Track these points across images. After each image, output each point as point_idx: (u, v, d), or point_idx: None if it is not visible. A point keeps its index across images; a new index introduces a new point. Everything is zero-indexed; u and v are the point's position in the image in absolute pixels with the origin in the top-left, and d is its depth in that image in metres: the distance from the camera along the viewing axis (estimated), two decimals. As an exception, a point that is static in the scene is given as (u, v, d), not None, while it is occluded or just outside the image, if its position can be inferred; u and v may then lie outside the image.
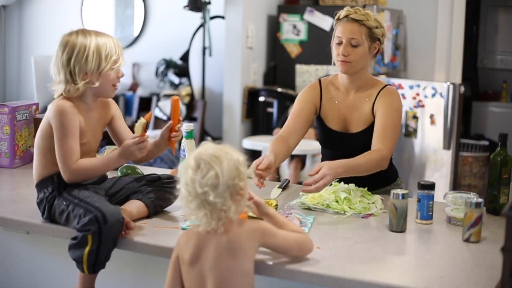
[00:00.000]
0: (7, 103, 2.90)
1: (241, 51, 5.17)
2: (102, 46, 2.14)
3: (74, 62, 2.11)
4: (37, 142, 2.20)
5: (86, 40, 2.13)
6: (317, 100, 2.63)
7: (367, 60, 2.54)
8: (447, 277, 1.80)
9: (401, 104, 2.60)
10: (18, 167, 2.91)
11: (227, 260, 1.77)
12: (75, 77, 2.12)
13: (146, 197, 2.23)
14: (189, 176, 1.75)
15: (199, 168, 1.74)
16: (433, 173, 4.60)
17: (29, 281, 2.60)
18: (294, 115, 2.62)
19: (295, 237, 1.87)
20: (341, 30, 2.51)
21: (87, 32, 2.17)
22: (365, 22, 2.49)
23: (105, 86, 2.18)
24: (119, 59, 2.18)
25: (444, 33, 5.58)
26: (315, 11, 5.24)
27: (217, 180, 1.73)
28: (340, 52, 2.50)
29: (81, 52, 2.12)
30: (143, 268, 2.35)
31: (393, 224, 2.16)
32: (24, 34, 6.68)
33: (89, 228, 1.96)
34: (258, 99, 5.32)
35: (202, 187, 1.73)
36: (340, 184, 2.47)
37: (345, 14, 2.51)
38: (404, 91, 4.70)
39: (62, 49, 2.14)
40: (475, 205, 2.05)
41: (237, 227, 1.79)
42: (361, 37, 2.48)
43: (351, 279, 1.78)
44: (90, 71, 2.13)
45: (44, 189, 2.16)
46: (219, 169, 1.74)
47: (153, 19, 6.23)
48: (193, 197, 1.75)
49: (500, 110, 6.87)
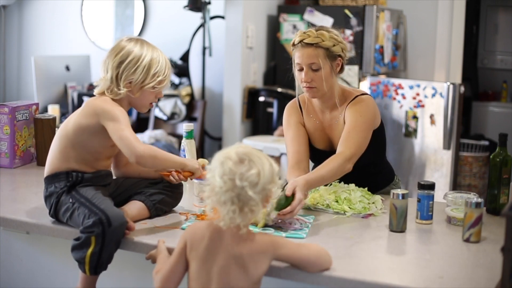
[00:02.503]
0: (7, 103, 2.90)
1: (241, 51, 5.17)
2: (154, 63, 2.17)
3: (124, 67, 2.14)
4: (63, 137, 2.17)
5: (142, 52, 2.16)
6: (301, 119, 2.61)
7: (332, 80, 2.48)
8: (447, 277, 1.80)
9: (369, 110, 2.49)
10: (18, 167, 2.91)
11: (236, 271, 1.76)
12: (120, 82, 2.14)
13: (148, 199, 2.23)
14: (229, 167, 1.72)
15: (242, 163, 1.73)
16: (433, 173, 4.60)
17: (29, 281, 2.60)
18: (292, 140, 2.57)
19: (312, 248, 1.84)
20: (298, 56, 2.45)
21: (146, 44, 2.20)
22: (320, 43, 2.41)
23: (141, 101, 2.21)
24: (165, 81, 2.20)
25: (444, 33, 5.58)
26: (315, 11, 5.24)
27: (257, 179, 1.72)
28: (303, 79, 2.45)
29: (134, 61, 2.14)
30: (143, 268, 2.35)
31: (393, 224, 2.16)
32: (24, 34, 6.68)
33: (93, 230, 1.96)
34: (258, 99, 5.31)
35: (242, 181, 1.71)
36: (340, 184, 2.47)
37: (299, 40, 2.44)
38: (404, 91, 4.70)
39: (117, 52, 2.16)
40: (475, 205, 2.05)
41: (249, 242, 1.77)
42: (319, 60, 2.42)
43: (351, 279, 1.78)
44: (134, 82, 2.15)
45: (56, 183, 2.15)
46: (261, 168, 1.73)
47: (153, 19, 6.23)
48: (227, 188, 1.72)
49: (500, 110, 6.87)
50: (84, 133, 2.13)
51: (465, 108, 6.20)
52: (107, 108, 2.11)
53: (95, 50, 6.22)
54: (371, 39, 4.98)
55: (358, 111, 2.47)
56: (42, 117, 2.96)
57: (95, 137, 2.12)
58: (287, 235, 2.08)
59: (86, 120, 2.13)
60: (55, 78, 5.59)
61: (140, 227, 2.13)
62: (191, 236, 1.82)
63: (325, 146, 2.59)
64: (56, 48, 6.49)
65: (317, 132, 2.60)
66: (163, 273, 1.83)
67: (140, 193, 2.25)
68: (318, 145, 2.61)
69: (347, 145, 2.40)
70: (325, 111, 2.57)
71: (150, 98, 2.22)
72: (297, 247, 1.81)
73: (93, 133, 2.12)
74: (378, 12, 4.98)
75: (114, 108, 2.12)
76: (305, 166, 2.52)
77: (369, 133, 2.47)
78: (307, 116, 2.60)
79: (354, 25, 5.00)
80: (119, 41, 2.19)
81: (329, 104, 2.55)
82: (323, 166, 2.36)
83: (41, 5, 6.61)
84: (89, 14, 6.46)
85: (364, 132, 2.45)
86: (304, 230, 2.13)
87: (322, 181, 2.34)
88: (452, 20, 5.56)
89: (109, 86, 2.15)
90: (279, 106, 5.20)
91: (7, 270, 2.65)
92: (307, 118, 2.60)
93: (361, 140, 2.43)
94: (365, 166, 2.52)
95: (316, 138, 2.61)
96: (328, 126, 2.57)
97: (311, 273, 1.81)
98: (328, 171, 2.33)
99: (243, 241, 1.77)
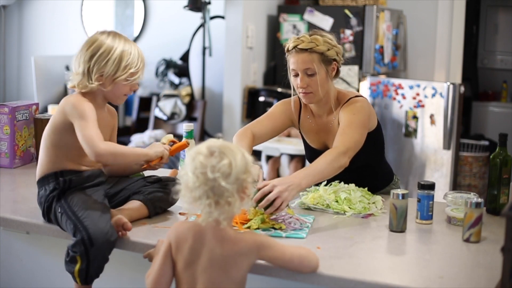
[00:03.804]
0: (7, 103, 2.90)
1: (241, 51, 5.17)
2: (125, 55, 2.14)
3: (95, 61, 2.12)
4: (45, 138, 2.19)
5: (114, 44, 2.14)
6: (294, 117, 2.61)
7: (328, 84, 2.47)
8: (447, 277, 1.80)
9: (363, 110, 2.46)
10: (18, 167, 2.91)
11: (218, 271, 1.75)
12: (91, 75, 2.13)
13: (146, 198, 2.22)
14: (200, 161, 1.71)
15: (212, 156, 1.72)
16: (433, 173, 4.60)
17: (29, 281, 2.60)
18: (270, 117, 2.60)
19: (296, 250, 1.82)
20: (293, 61, 2.44)
21: (117, 36, 2.17)
22: (314, 48, 2.40)
23: (115, 93, 2.19)
24: (137, 73, 2.19)
25: (444, 33, 5.58)
26: (315, 11, 5.24)
27: (229, 169, 1.71)
28: (299, 85, 2.44)
29: (104, 54, 2.12)
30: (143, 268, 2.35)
31: (393, 224, 2.16)
32: (24, 34, 6.68)
33: (76, 250, 1.96)
34: (258, 99, 5.31)
35: (214, 173, 1.70)
36: (340, 184, 2.47)
37: (293, 45, 2.43)
38: (404, 91, 4.70)
39: (89, 45, 2.14)
40: (475, 205, 2.05)
41: (232, 243, 1.76)
42: (314, 65, 2.40)
43: (351, 279, 1.78)
44: (105, 75, 2.13)
45: (46, 185, 2.15)
46: (232, 159, 1.72)
47: (153, 19, 6.23)
48: (200, 183, 1.71)
49: (500, 110, 6.87)
50: (60, 131, 2.14)
51: (465, 108, 6.20)
52: (75, 104, 2.10)
53: (95, 50, 6.22)
54: (371, 39, 4.98)
55: (351, 110, 2.45)
56: (42, 117, 2.96)
57: (71, 134, 2.10)
58: (287, 235, 2.08)
59: (59, 117, 2.14)
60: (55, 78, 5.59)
61: (139, 227, 2.13)
62: (175, 236, 1.81)
63: (320, 147, 2.60)
64: (56, 48, 6.49)
65: (312, 134, 2.60)
66: (152, 276, 1.83)
67: (139, 193, 2.24)
68: (313, 145, 2.62)
69: (341, 140, 2.35)
70: (322, 116, 2.57)
71: (124, 90, 2.19)
72: (282, 249, 1.79)
73: (67, 130, 2.11)
74: (378, 12, 4.98)
75: (82, 105, 2.10)
76: (257, 142, 2.55)
77: (365, 131, 2.43)
78: (304, 115, 2.60)
79: (354, 25, 5.00)
80: (92, 35, 2.18)
81: (326, 108, 2.54)
82: (317, 160, 2.30)
83: (41, 5, 6.61)
84: (89, 14, 6.46)
85: (358, 129, 2.40)
86: (304, 230, 2.13)
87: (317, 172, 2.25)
88: (452, 20, 5.56)
89: (80, 80, 2.14)
90: (279, 106, 5.19)
91: (7, 270, 2.65)
92: (304, 117, 2.60)
93: (357, 136, 2.38)
94: (363, 167, 2.52)
95: (311, 139, 2.62)
96: (323, 129, 2.57)
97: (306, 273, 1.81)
98: (321, 163, 2.26)
99: (225, 242, 1.76)
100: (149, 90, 6.06)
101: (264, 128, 2.59)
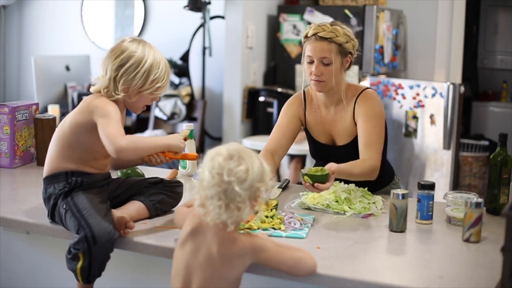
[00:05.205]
0: (7, 103, 2.90)
1: (241, 51, 5.17)
2: (153, 70, 2.12)
3: (123, 72, 2.10)
4: (60, 136, 2.16)
5: (144, 56, 2.12)
6: (301, 113, 2.62)
7: (340, 76, 2.50)
8: (447, 277, 1.80)
9: (380, 108, 2.53)
10: (18, 167, 2.91)
11: (213, 269, 1.76)
12: (118, 85, 2.11)
13: (147, 199, 2.22)
14: (218, 162, 1.72)
15: (231, 159, 1.73)
16: (433, 173, 4.60)
17: (29, 281, 2.60)
18: (280, 129, 2.60)
19: (292, 253, 1.81)
20: (310, 49, 2.46)
21: (147, 47, 2.15)
22: (334, 39, 2.44)
23: (137, 104, 2.19)
24: (163, 87, 2.17)
25: (444, 33, 5.58)
26: (315, 11, 5.24)
27: (245, 175, 1.72)
28: (313, 72, 2.46)
29: (133, 66, 2.10)
30: (143, 268, 2.35)
31: (393, 224, 2.16)
32: (24, 34, 6.68)
33: (79, 247, 1.96)
34: (258, 99, 5.31)
35: (230, 176, 1.71)
36: (340, 184, 2.47)
37: (313, 32, 2.45)
38: (404, 91, 4.70)
39: (118, 54, 2.11)
40: (475, 205, 2.05)
41: (229, 243, 1.77)
42: (331, 55, 2.43)
43: (351, 279, 1.78)
44: (132, 88, 2.12)
45: (55, 183, 2.14)
46: (250, 166, 1.73)
47: (153, 19, 6.23)
48: (215, 183, 1.72)
49: (500, 110, 6.87)
50: (80, 131, 2.12)
51: (465, 108, 6.20)
52: (100, 104, 2.09)
53: (95, 50, 6.22)
54: (371, 39, 4.98)
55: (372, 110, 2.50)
56: (42, 117, 2.96)
57: (91, 134, 2.09)
58: (287, 235, 2.08)
59: (81, 117, 2.12)
60: (55, 78, 5.59)
61: (140, 227, 2.13)
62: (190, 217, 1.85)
63: (326, 141, 2.60)
64: (56, 48, 6.49)
65: (318, 126, 2.61)
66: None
67: (140, 193, 2.24)
68: (320, 139, 2.62)
69: (371, 152, 2.44)
70: (330, 106, 2.58)
71: (146, 101, 2.20)
72: (278, 251, 1.79)
73: (89, 130, 2.10)
74: (378, 12, 4.98)
75: (106, 105, 2.09)
76: (277, 159, 2.56)
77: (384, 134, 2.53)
78: (310, 109, 2.61)
79: (354, 25, 5.00)
80: (121, 42, 2.15)
81: (334, 99, 2.56)
82: (355, 164, 2.41)
83: (41, 5, 6.61)
84: (89, 14, 6.46)
85: (381, 133, 2.51)
86: (304, 230, 2.13)
87: (350, 176, 2.39)
88: (452, 20, 5.56)
89: (106, 87, 2.12)
90: (279, 106, 5.19)
91: (7, 270, 2.65)
92: (309, 112, 2.61)
93: (381, 142, 2.50)
94: None
95: (316, 132, 2.62)
96: (331, 121, 2.58)
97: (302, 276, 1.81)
98: (360, 172, 2.39)
99: (223, 241, 1.76)
100: (149, 90, 6.05)
101: (278, 143, 2.59)
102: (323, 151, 2.60)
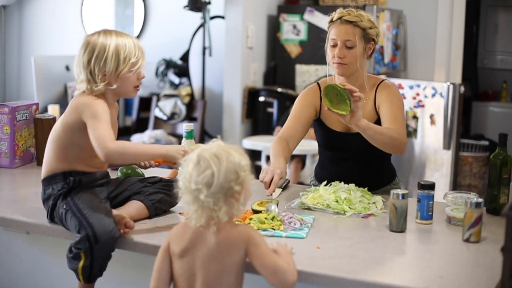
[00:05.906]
0: (7, 103, 2.90)
1: (241, 51, 5.17)
2: (121, 48, 2.14)
3: (93, 63, 2.12)
4: (55, 137, 2.18)
5: (106, 41, 2.13)
6: (317, 102, 2.62)
7: (362, 61, 2.54)
8: (447, 277, 1.80)
9: (401, 96, 2.61)
10: (18, 167, 2.91)
11: (215, 263, 1.77)
12: (95, 78, 2.13)
13: (147, 199, 2.22)
14: (188, 170, 1.77)
15: (198, 164, 1.76)
16: (433, 173, 4.60)
17: (29, 281, 2.60)
18: (295, 116, 2.61)
19: (277, 260, 1.78)
20: (335, 32, 2.51)
21: (108, 33, 2.16)
22: (359, 23, 2.49)
23: (124, 87, 2.18)
24: (139, 61, 2.18)
25: (444, 33, 5.58)
26: (315, 11, 5.24)
27: (212, 180, 1.74)
28: (336, 54, 2.50)
29: (101, 53, 2.12)
30: (143, 268, 2.35)
31: (393, 224, 2.16)
32: (24, 34, 6.68)
33: (80, 246, 1.97)
34: (258, 99, 5.32)
35: (196, 184, 1.74)
36: (340, 184, 2.47)
37: (338, 16, 2.51)
38: (404, 91, 4.70)
39: (84, 50, 2.14)
40: (475, 205, 2.05)
41: (224, 232, 1.78)
42: (355, 38, 2.48)
43: (351, 279, 1.78)
44: (108, 73, 2.13)
45: (53, 184, 2.15)
46: (216, 169, 1.74)
47: (153, 19, 6.23)
48: (187, 191, 1.77)
49: (500, 110, 6.87)
50: (72, 131, 2.13)
51: (465, 108, 6.20)
52: (88, 103, 2.10)
53: (95, 50, 6.22)
54: (371, 39, 4.97)
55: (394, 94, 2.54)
56: (42, 117, 2.96)
57: (83, 133, 2.10)
58: (287, 235, 2.08)
59: (71, 117, 2.13)
60: (55, 78, 5.59)
61: (140, 227, 2.13)
62: (173, 235, 1.85)
63: (342, 128, 2.60)
64: (56, 48, 6.49)
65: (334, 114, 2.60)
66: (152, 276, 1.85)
67: (139, 193, 2.24)
68: (334, 127, 2.61)
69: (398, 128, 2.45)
70: None
71: (132, 81, 2.19)
72: (266, 253, 1.77)
73: (81, 130, 2.11)
74: (378, 12, 4.98)
75: (95, 104, 2.10)
76: (292, 145, 2.56)
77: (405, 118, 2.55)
78: None
79: (354, 25, 4.99)
80: (84, 39, 2.17)
81: (356, 85, 2.55)
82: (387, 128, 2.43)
83: (41, 5, 6.61)
84: (89, 14, 6.46)
85: (403, 114, 2.55)
86: (304, 230, 2.13)
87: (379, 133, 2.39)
88: (452, 20, 5.56)
89: (87, 86, 2.14)
90: (279, 106, 5.20)
91: (7, 270, 2.65)
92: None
93: (405, 123, 2.52)
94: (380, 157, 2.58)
95: (333, 120, 2.61)
96: None
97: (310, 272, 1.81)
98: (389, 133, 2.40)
99: (220, 231, 1.78)
100: (149, 90, 6.06)
101: (294, 130, 2.60)
102: (337, 140, 2.60)
